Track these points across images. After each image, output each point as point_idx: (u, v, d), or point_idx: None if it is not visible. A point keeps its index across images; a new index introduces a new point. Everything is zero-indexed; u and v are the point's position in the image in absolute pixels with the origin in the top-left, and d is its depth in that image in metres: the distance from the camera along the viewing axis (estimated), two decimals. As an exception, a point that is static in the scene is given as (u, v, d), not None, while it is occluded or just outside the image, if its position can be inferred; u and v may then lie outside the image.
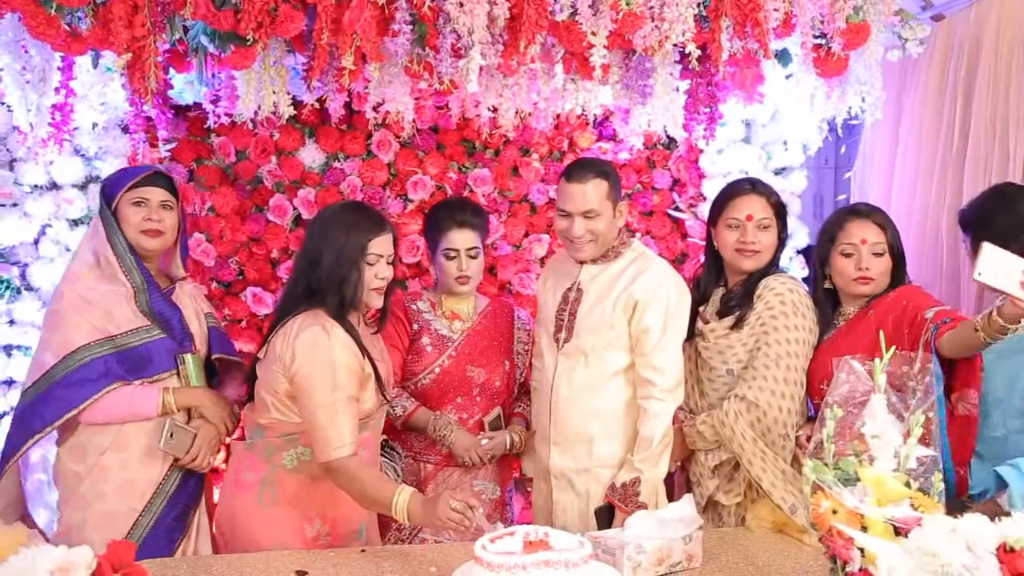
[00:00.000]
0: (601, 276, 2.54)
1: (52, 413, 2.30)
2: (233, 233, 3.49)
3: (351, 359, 2.29)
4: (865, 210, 2.55)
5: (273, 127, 3.42)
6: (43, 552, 1.45)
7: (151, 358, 2.40)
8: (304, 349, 2.25)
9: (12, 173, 3.09)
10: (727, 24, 2.44)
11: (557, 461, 2.56)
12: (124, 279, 2.42)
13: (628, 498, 2.39)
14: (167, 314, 2.48)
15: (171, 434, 2.36)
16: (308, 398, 2.25)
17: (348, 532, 2.41)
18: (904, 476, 1.69)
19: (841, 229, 2.50)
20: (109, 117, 3.11)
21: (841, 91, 2.84)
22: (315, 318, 2.29)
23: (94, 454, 2.35)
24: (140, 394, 2.37)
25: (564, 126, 3.64)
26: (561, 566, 1.67)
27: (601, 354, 2.49)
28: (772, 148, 3.56)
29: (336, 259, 2.31)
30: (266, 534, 2.34)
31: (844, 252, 2.47)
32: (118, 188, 2.47)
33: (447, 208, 2.90)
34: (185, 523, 2.46)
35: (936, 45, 3.23)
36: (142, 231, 2.45)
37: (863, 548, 1.61)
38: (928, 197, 3.26)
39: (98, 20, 2.34)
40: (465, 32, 2.30)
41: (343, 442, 2.22)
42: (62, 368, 2.32)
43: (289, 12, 2.33)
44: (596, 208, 2.46)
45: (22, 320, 3.13)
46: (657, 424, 2.42)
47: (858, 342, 2.35)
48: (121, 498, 2.35)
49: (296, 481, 2.35)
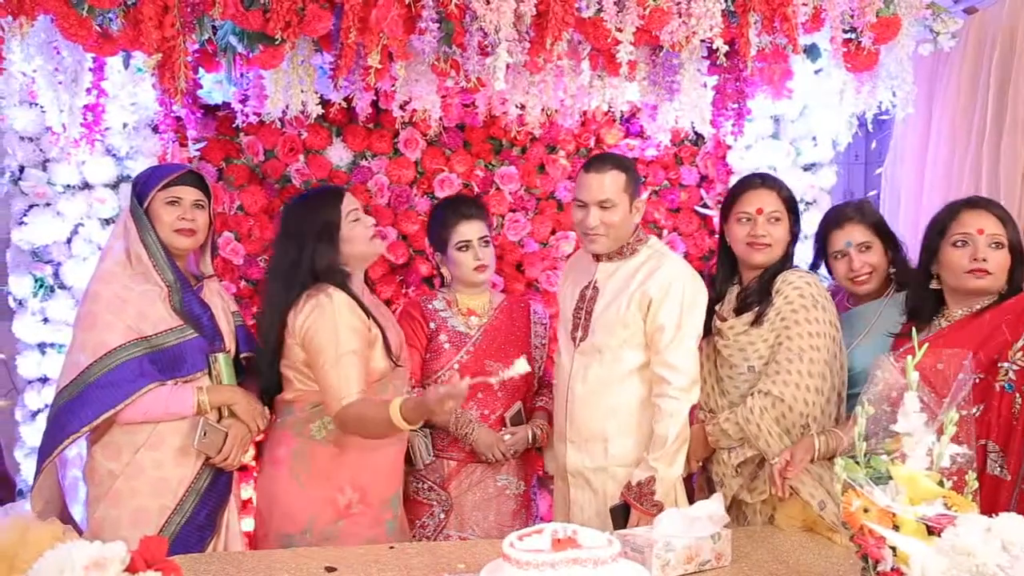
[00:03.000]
0: (617, 273, 2.54)
1: (89, 414, 2.32)
2: (262, 232, 3.51)
3: (354, 319, 2.45)
4: (983, 201, 2.40)
5: (301, 126, 3.44)
6: (78, 547, 1.47)
7: (185, 358, 2.42)
8: (311, 315, 2.42)
9: (45, 173, 3.12)
10: (755, 19, 2.42)
11: (574, 460, 2.56)
12: (158, 278, 2.44)
13: (643, 497, 2.39)
14: (199, 313, 2.50)
15: (204, 433, 2.39)
16: (317, 357, 2.41)
17: (379, 501, 2.55)
18: (937, 475, 1.67)
19: (954, 219, 2.32)
20: (139, 117, 3.13)
21: (871, 86, 2.80)
22: (319, 290, 2.46)
23: (129, 452, 2.37)
24: (176, 394, 2.40)
25: (591, 123, 3.63)
26: (589, 564, 1.67)
27: (616, 352, 2.49)
28: (801, 144, 3.53)
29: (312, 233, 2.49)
30: (301, 507, 2.47)
31: (957, 242, 2.29)
32: (151, 187, 2.48)
33: (449, 205, 2.98)
34: (215, 522, 2.48)
35: (969, 38, 3.18)
36: (175, 230, 2.47)
37: (895, 547, 1.59)
38: (960, 192, 3.21)
39: (129, 21, 2.36)
40: (492, 29, 2.30)
41: (350, 391, 2.37)
42: (98, 369, 2.33)
43: (317, 11, 2.34)
44: (612, 198, 2.46)
45: (55, 318, 3.16)
46: (672, 422, 2.41)
47: (965, 346, 2.16)
48: (154, 496, 2.37)
49: (326, 452, 2.50)
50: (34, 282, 3.17)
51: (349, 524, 2.51)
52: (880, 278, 2.65)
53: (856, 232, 2.65)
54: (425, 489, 2.86)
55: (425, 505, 2.85)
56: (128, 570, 1.49)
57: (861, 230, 2.65)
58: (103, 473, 2.39)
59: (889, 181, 3.65)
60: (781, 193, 2.57)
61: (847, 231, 2.66)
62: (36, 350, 3.19)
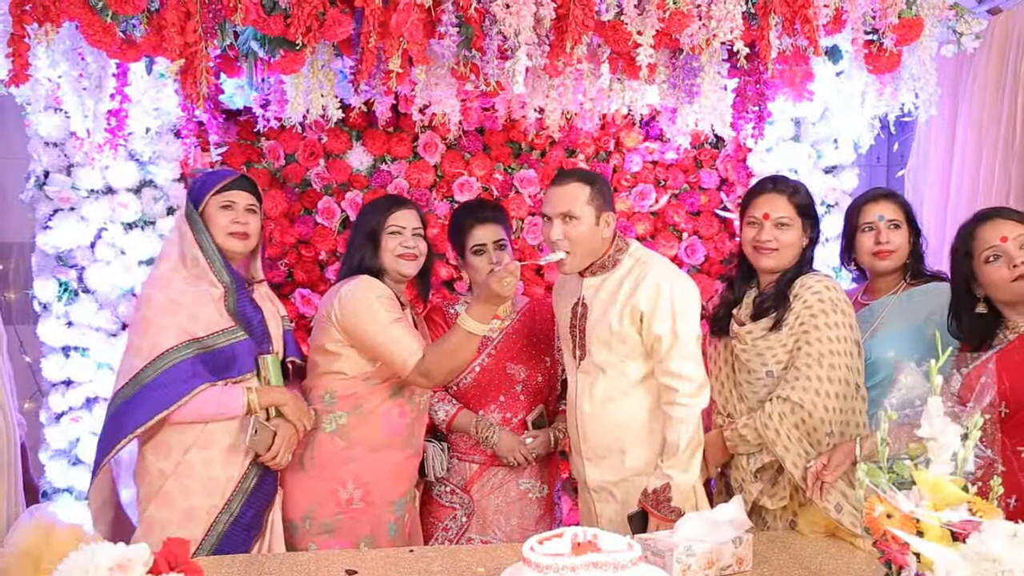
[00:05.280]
0: (603, 287, 2.52)
1: (144, 415, 2.34)
2: (282, 235, 3.54)
3: (389, 296, 2.57)
4: (991, 211, 2.37)
5: (321, 130, 3.46)
6: (103, 549, 1.49)
7: (235, 359, 2.45)
8: (346, 299, 2.55)
9: (70, 178, 3.16)
10: (776, 21, 2.40)
11: (593, 475, 2.56)
12: (214, 279, 2.47)
13: (660, 504, 2.37)
14: (251, 314, 2.53)
15: (256, 431, 2.42)
16: (364, 334, 2.52)
17: (382, 501, 2.62)
18: (962, 480, 1.65)
19: (975, 238, 2.29)
20: (162, 122, 3.16)
21: (893, 87, 2.79)
22: (353, 278, 2.60)
23: (179, 451, 2.40)
24: (227, 394, 2.42)
25: (610, 126, 3.63)
26: (610, 568, 1.67)
27: (619, 367, 2.48)
28: (822, 146, 3.51)
29: (362, 234, 2.66)
30: (303, 494, 2.58)
31: (988, 258, 2.25)
32: (206, 191, 2.51)
33: (466, 210, 2.99)
34: (261, 521, 2.50)
35: (993, 39, 3.15)
36: (229, 233, 2.50)
37: (919, 553, 1.58)
38: (989, 195, 3.18)
39: (152, 27, 2.39)
40: (511, 33, 2.30)
41: (412, 349, 2.48)
42: (151, 371, 2.36)
43: (337, 16, 2.36)
44: (574, 211, 2.43)
45: (79, 322, 3.19)
46: (682, 429, 2.40)
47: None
48: (204, 495, 2.40)
49: (332, 445, 2.59)
50: (58, 286, 3.20)
51: (348, 519, 2.58)
52: (900, 260, 2.67)
53: (889, 209, 2.68)
54: (447, 492, 2.87)
55: (447, 508, 2.86)
56: (151, 572, 1.50)
57: (894, 208, 2.69)
58: (154, 473, 2.41)
59: (912, 183, 3.61)
60: (793, 198, 2.53)
61: (881, 205, 2.69)
62: (60, 353, 3.22)
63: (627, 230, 3.63)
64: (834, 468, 2.28)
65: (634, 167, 3.70)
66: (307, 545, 2.54)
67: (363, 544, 2.56)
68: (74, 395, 3.21)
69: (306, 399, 2.62)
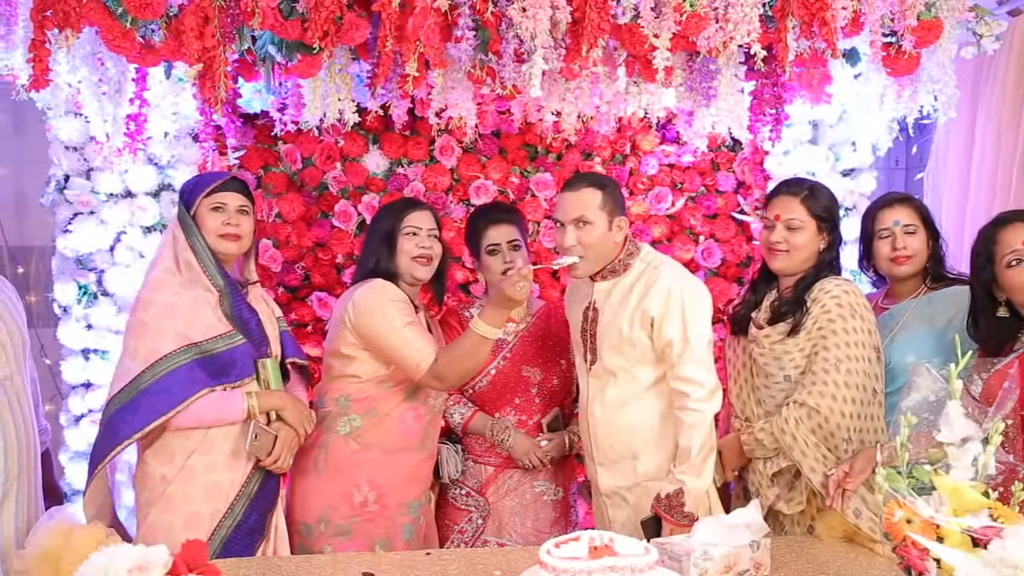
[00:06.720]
0: (614, 291, 2.51)
1: (141, 420, 2.33)
2: (299, 239, 3.55)
3: (402, 300, 2.58)
4: (1010, 215, 2.36)
5: (338, 134, 3.47)
6: (122, 550, 1.50)
7: (234, 363, 2.43)
8: (360, 302, 2.56)
9: (89, 182, 3.19)
10: (793, 24, 2.39)
11: (605, 480, 2.55)
12: (208, 283, 2.45)
13: (673, 509, 2.36)
14: (247, 318, 2.51)
15: (256, 435, 2.41)
16: (377, 337, 2.53)
17: (398, 504, 2.62)
18: (983, 485, 1.63)
19: (996, 242, 2.28)
20: (180, 126, 3.18)
21: (912, 90, 2.76)
22: (367, 281, 2.61)
23: (181, 456, 2.39)
24: (226, 399, 2.41)
25: (627, 129, 3.62)
26: (627, 572, 1.66)
27: (630, 372, 2.48)
28: (840, 149, 3.49)
29: (378, 236, 2.68)
30: (317, 497, 2.59)
31: (1011, 263, 2.24)
32: (197, 194, 2.50)
33: (481, 211, 3.03)
34: (264, 525, 2.50)
35: (1014, 41, 3.12)
36: (221, 235, 2.49)
37: (939, 559, 1.56)
38: (1007, 198, 3.15)
39: (170, 32, 2.40)
40: (528, 37, 2.30)
41: (425, 353, 2.49)
42: (149, 376, 2.34)
43: (354, 20, 2.37)
44: (587, 216, 2.43)
45: (99, 324, 3.22)
46: (694, 434, 2.38)
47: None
48: (207, 500, 2.39)
49: (347, 448, 2.59)
50: (78, 289, 3.23)
51: (363, 522, 2.58)
52: (918, 265, 2.66)
53: (904, 214, 2.67)
54: (463, 495, 2.87)
55: (463, 511, 2.86)
56: (171, 574, 1.51)
57: (909, 213, 2.68)
58: (155, 478, 2.40)
59: (932, 186, 3.59)
60: (806, 200, 2.50)
61: (896, 211, 2.68)
62: (80, 356, 3.25)
63: (643, 233, 3.62)
64: (856, 475, 2.26)
65: (650, 170, 3.69)
66: (323, 547, 2.54)
67: (379, 546, 2.56)
68: (94, 397, 3.24)
69: (321, 401, 2.63)
